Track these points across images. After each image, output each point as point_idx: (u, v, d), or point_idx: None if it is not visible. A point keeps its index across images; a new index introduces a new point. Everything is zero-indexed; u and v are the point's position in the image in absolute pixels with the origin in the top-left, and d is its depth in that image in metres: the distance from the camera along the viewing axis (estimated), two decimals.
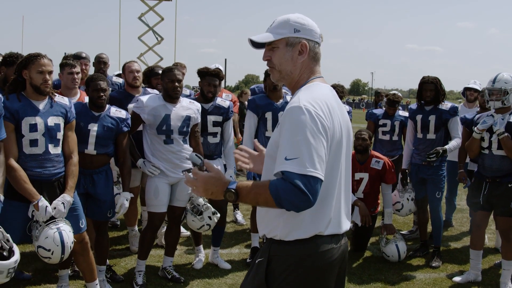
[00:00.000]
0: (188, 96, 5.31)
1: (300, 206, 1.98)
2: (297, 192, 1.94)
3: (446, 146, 5.36)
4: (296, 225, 2.11)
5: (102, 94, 4.21)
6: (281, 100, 5.23)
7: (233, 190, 2.06)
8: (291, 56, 2.22)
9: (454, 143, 5.39)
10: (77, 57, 5.48)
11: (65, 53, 5.45)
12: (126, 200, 4.31)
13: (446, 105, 5.47)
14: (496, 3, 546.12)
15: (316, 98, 2.09)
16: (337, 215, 2.20)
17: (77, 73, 4.62)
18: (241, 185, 2.08)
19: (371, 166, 5.57)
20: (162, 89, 4.56)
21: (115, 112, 4.35)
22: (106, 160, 4.33)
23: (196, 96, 5.17)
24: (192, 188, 2.17)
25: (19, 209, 3.60)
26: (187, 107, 4.58)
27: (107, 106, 4.35)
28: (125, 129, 4.37)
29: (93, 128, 4.20)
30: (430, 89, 5.43)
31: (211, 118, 4.94)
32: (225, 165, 5.16)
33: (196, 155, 2.82)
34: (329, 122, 2.07)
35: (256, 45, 2.27)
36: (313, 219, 2.11)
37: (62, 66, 4.64)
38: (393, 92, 6.79)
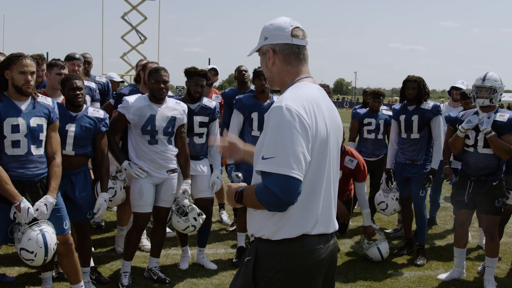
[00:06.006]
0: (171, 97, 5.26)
1: (276, 206, 2.03)
2: (269, 192, 2.00)
3: (433, 165, 5.44)
4: (283, 225, 2.13)
5: (78, 92, 4.14)
6: (268, 101, 5.26)
7: (238, 191, 2.18)
8: (266, 64, 2.31)
9: (435, 157, 5.44)
10: (70, 58, 5.39)
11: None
12: (105, 200, 4.27)
13: (429, 104, 5.51)
14: (478, 3, 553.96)
15: (300, 97, 2.11)
16: (325, 214, 2.21)
17: (65, 74, 4.57)
18: (246, 187, 2.18)
19: (344, 164, 5.36)
20: (148, 89, 4.53)
21: (93, 112, 4.29)
22: (84, 161, 4.28)
23: (183, 96, 5.14)
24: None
25: (1, 210, 3.55)
26: (173, 108, 4.56)
27: (85, 106, 4.29)
28: (103, 129, 4.31)
29: (71, 128, 4.13)
30: (413, 87, 5.47)
31: (197, 119, 4.92)
32: (211, 166, 5.14)
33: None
34: (312, 121, 2.08)
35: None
36: (300, 219, 2.12)
37: (51, 65, 4.58)
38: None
